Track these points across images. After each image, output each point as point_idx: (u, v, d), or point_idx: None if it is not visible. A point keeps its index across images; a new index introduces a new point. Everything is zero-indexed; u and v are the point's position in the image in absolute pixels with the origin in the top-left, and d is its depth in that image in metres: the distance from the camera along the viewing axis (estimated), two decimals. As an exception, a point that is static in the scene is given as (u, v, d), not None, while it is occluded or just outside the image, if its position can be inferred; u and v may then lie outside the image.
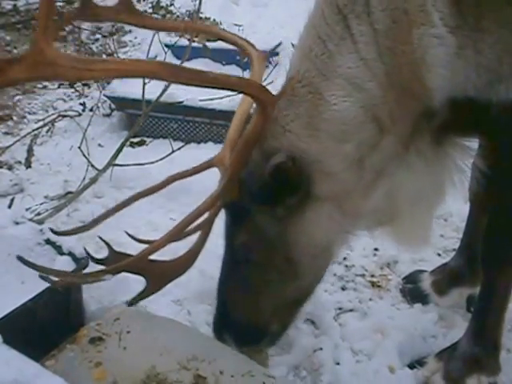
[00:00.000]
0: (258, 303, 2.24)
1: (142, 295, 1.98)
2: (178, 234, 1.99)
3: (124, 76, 1.68)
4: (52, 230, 2.34)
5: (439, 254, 3.33)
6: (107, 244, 1.92)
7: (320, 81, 1.98)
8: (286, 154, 1.95)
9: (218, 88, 1.79)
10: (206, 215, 2.03)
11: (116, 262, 1.91)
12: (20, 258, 1.83)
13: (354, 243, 3.31)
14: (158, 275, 1.99)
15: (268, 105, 1.88)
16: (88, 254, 1.95)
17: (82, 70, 1.57)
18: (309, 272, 2.24)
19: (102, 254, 3.23)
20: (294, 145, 1.99)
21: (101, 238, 1.97)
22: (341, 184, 2.04)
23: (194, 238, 2.14)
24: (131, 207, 3.74)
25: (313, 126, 1.98)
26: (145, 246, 2.03)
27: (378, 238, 3.01)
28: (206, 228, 2.12)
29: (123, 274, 2.89)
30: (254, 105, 1.99)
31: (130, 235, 2.12)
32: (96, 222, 2.13)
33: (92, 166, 3.85)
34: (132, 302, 2.00)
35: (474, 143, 2.23)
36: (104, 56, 5.41)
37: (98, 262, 1.89)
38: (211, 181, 2.30)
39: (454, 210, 3.56)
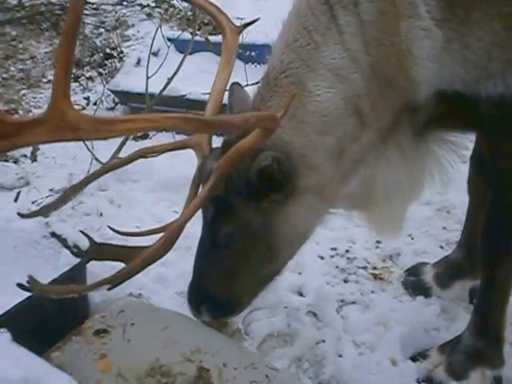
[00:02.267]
0: (234, 282, 2.28)
1: (119, 279, 1.95)
2: (174, 238, 1.97)
3: (148, 131, 1.61)
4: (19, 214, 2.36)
5: (442, 247, 3.34)
6: (87, 236, 1.96)
7: (304, 72, 1.99)
8: (272, 155, 1.95)
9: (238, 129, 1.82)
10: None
11: (98, 253, 1.93)
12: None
13: (357, 235, 3.34)
14: (136, 261, 1.95)
15: (274, 131, 1.85)
16: (68, 248, 1.94)
17: (105, 132, 1.51)
18: (286, 256, 2.30)
19: (107, 246, 3.28)
20: (279, 137, 1.99)
21: (82, 231, 2.03)
22: (322, 175, 2.07)
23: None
24: (135, 200, 3.79)
25: (297, 117, 1.99)
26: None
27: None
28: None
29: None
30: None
31: (113, 229, 2.14)
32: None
33: (96, 159, 3.86)
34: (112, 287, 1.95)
35: (459, 139, 2.24)
36: (108, 50, 5.41)
37: (79, 255, 1.91)
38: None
39: (457, 202, 3.56)
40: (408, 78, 1.94)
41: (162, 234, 1.97)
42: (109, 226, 2.17)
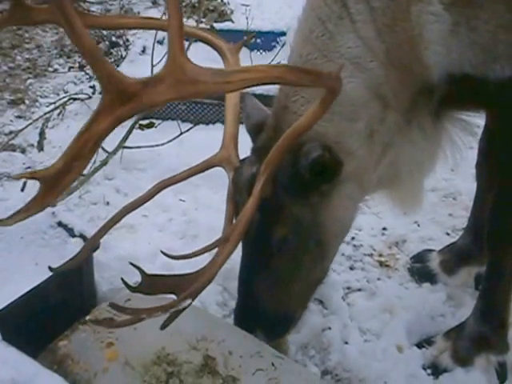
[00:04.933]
0: (289, 293, 2.23)
1: (176, 314, 1.88)
2: (232, 249, 1.87)
3: (258, 84, 1.60)
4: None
5: (448, 233, 3.34)
6: (140, 269, 1.84)
7: (322, 62, 2.00)
8: (320, 144, 1.95)
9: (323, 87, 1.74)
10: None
11: (149, 287, 1.83)
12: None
13: (363, 222, 3.34)
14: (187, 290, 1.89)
15: (336, 95, 1.76)
16: (124, 282, 1.81)
17: (222, 84, 1.50)
18: (333, 252, 2.30)
19: (113, 235, 3.30)
20: (313, 130, 1.96)
21: (132, 263, 1.86)
22: (359, 161, 2.09)
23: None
24: (142, 189, 3.77)
25: None
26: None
27: (390, 215, 3.03)
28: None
29: (134, 255, 2.96)
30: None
31: (165, 254, 1.98)
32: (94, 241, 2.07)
33: (102, 148, 3.86)
34: (165, 325, 1.83)
35: (473, 118, 2.26)
36: (113, 38, 5.40)
37: (134, 290, 1.83)
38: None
39: (463, 188, 3.57)
40: (420, 63, 1.96)
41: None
42: (162, 252, 1.94)
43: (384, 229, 3.37)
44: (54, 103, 4.57)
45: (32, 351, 1.99)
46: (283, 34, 4.79)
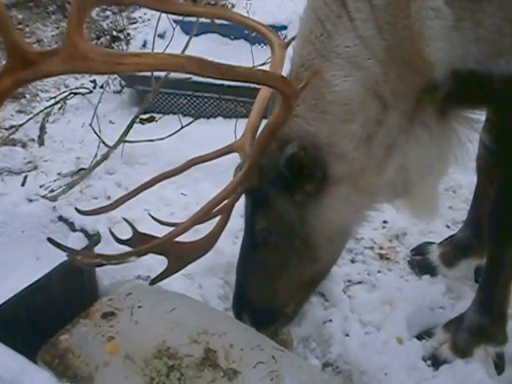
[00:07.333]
0: (275, 285, 2.28)
1: (163, 275, 1.98)
2: (201, 217, 2.02)
3: (155, 70, 1.66)
4: (76, 210, 2.35)
5: (448, 226, 3.35)
6: (131, 225, 1.93)
7: (320, 62, 1.98)
8: (298, 143, 1.97)
9: (242, 81, 1.79)
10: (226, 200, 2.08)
11: (140, 243, 1.94)
12: (50, 240, 1.92)
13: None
14: (179, 256, 2.03)
15: (292, 97, 1.87)
16: (113, 234, 1.95)
17: (114, 64, 1.57)
18: (326, 255, 2.29)
19: (116, 229, 3.29)
20: (304, 129, 2.01)
21: (125, 219, 2.00)
22: (353, 163, 2.06)
23: (215, 220, 2.23)
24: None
25: (318, 108, 1.99)
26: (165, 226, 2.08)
27: (390, 209, 3.04)
28: (226, 212, 2.19)
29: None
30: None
31: (153, 217, 2.13)
32: (115, 205, 2.24)
33: (103, 142, 3.88)
34: (153, 282, 1.97)
35: (479, 116, 2.24)
36: (114, 33, 5.41)
37: (122, 242, 1.90)
38: (222, 158, 2.34)
39: (464, 181, 3.56)
40: (423, 60, 1.93)
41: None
42: (149, 214, 2.21)
43: (384, 222, 3.37)
44: (55, 98, 4.59)
45: (33, 345, 2.00)
46: (284, 27, 4.79)
